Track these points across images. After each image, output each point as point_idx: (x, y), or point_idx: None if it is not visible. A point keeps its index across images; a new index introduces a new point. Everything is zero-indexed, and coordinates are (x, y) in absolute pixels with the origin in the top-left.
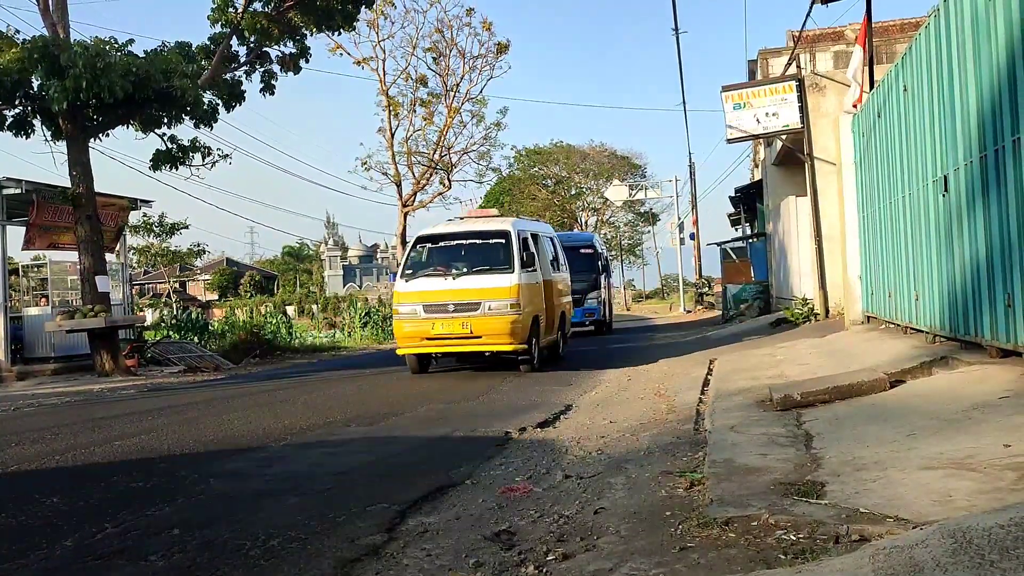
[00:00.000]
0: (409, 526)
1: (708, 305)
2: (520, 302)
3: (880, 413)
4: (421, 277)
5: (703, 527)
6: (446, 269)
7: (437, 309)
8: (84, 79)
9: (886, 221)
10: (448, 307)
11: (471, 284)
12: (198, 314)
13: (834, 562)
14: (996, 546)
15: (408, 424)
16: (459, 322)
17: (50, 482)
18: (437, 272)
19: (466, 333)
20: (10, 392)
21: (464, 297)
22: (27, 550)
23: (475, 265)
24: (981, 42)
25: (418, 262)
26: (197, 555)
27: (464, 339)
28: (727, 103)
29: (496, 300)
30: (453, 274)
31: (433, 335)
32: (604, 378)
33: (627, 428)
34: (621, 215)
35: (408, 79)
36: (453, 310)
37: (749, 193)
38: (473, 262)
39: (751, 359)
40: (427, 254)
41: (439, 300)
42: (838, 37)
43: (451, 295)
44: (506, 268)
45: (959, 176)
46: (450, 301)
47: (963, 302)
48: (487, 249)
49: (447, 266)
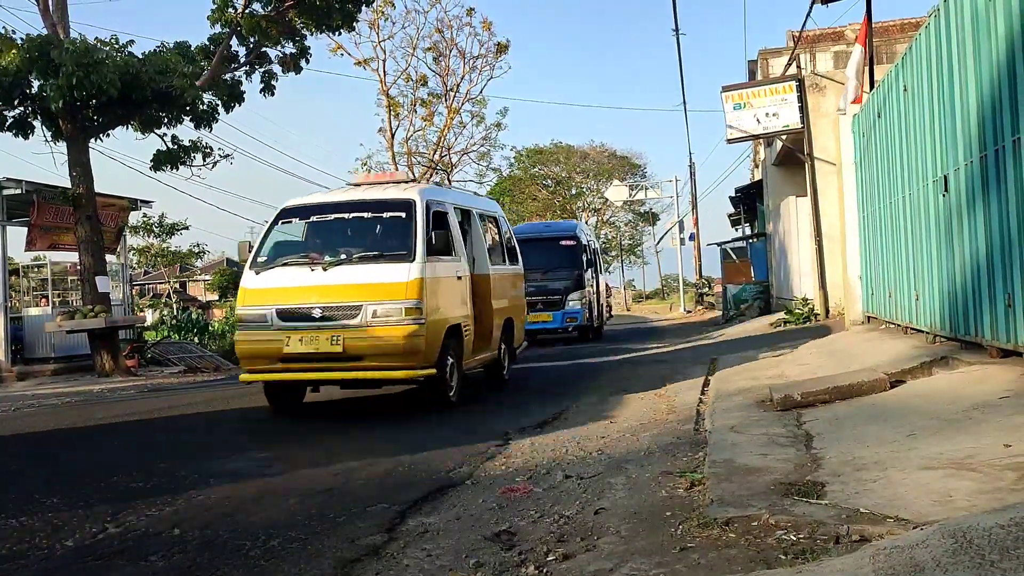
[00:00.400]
0: (409, 526)
1: (708, 305)
2: (423, 305)
3: (880, 413)
4: (278, 267)
5: (703, 527)
6: (317, 256)
7: (296, 316)
8: (76, 76)
9: (886, 221)
10: (313, 312)
11: (349, 278)
12: (198, 314)
13: (834, 562)
14: (996, 546)
15: None
16: (327, 336)
17: (51, 482)
18: (302, 260)
19: (336, 352)
20: (10, 392)
21: (337, 297)
22: (28, 550)
23: (359, 251)
24: (981, 42)
25: (280, 245)
26: (197, 555)
27: (335, 361)
28: (727, 103)
29: (384, 302)
30: (325, 263)
31: (289, 355)
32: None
33: (627, 428)
34: (621, 215)
35: (408, 79)
36: (320, 317)
37: (749, 193)
38: (358, 246)
39: (751, 359)
40: (294, 234)
41: (300, 302)
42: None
43: (319, 294)
44: (403, 255)
45: (959, 176)
46: (316, 303)
47: (963, 302)
48: (380, 228)
49: (320, 252)
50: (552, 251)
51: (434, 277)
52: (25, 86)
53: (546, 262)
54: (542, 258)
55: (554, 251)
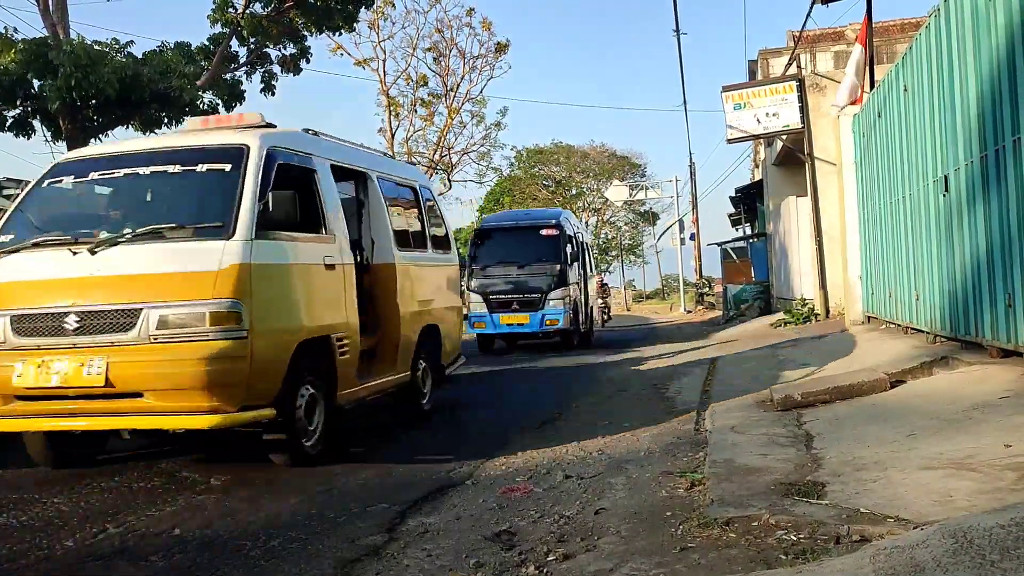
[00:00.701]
0: (409, 526)
1: (709, 305)
2: (245, 308)
3: (880, 413)
4: (25, 251)
5: (704, 527)
6: (87, 234)
7: (39, 327)
8: (74, 77)
9: (886, 221)
10: (64, 321)
11: (125, 266)
12: None
13: (835, 562)
14: (997, 546)
15: None
16: (79, 360)
17: (52, 483)
18: (61, 241)
19: (97, 387)
20: None
21: (103, 295)
22: (28, 550)
23: (153, 224)
24: (981, 41)
25: (39, 219)
26: (197, 555)
27: (96, 400)
28: (727, 103)
29: (177, 303)
30: (94, 243)
31: (29, 391)
32: None
33: (627, 428)
34: (622, 215)
35: (408, 79)
36: (76, 329)
37: (749, 193)
38: (153, 218)
39: (751, 359)
40: (66, 200)
41: (48, 303)
42: (838, 37)
43: (78, 291)
44: (216, 228)
45: (959, 176)
46: (73, 306)
47: (963, 302)
48: (191, 190)
49: (97, 228)
50: (530, 242)
51: (274, 264)
52: (27, 86)
53: (523, 255)
54: (519, 250)
55: (533, 242)
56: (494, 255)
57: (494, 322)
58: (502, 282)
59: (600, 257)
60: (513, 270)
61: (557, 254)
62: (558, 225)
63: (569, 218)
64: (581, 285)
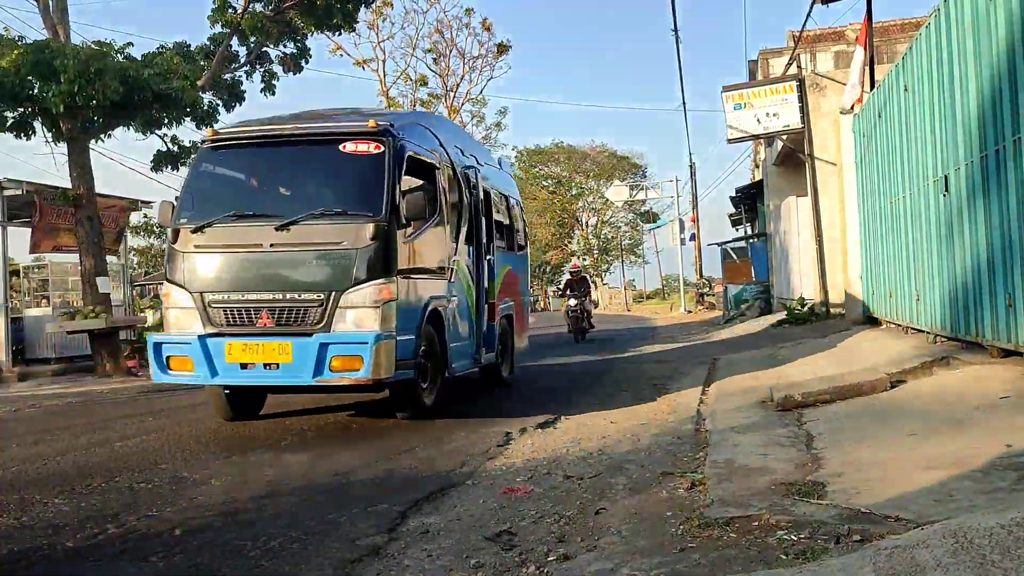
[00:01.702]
0: (410, 526)
1: (709, 305)
2: None
3: (881, 413)
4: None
5: (704, 527)
6: None
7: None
8: (78, 83)
9: (887, 221)
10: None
11: None
12: None
13: (835, 562)
14: (997, 546)
15: None
16: None
17: (52, 483)
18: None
19: None
20: (11, 393)
21: None
22: (29, 551)
23: None
24: (982, 41)
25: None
26: (198, 555)
27: None
28: (727, 103)
29: None
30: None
31: None
32: None
33: (627, 428)
34: (622, 215)
35: (408, 80)
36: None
37: (750, 193)
38: None
39: (752, 359)
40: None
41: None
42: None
43: None
44: None
45: (960, 176)
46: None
47: (964, 302)
48: None
49: None
50: (316, 174)
51: None
52: (28, 87)
53: (292, 203)
54: (283, 197)
55: (320, 174)
56: (227, 202)
57: (214, 361)
58: (237, 271)
59: (600, 257)
60: (265, 240)
61: (375, 201)
62: (383, 137)
63: (433, 127)
64: (470, 277)
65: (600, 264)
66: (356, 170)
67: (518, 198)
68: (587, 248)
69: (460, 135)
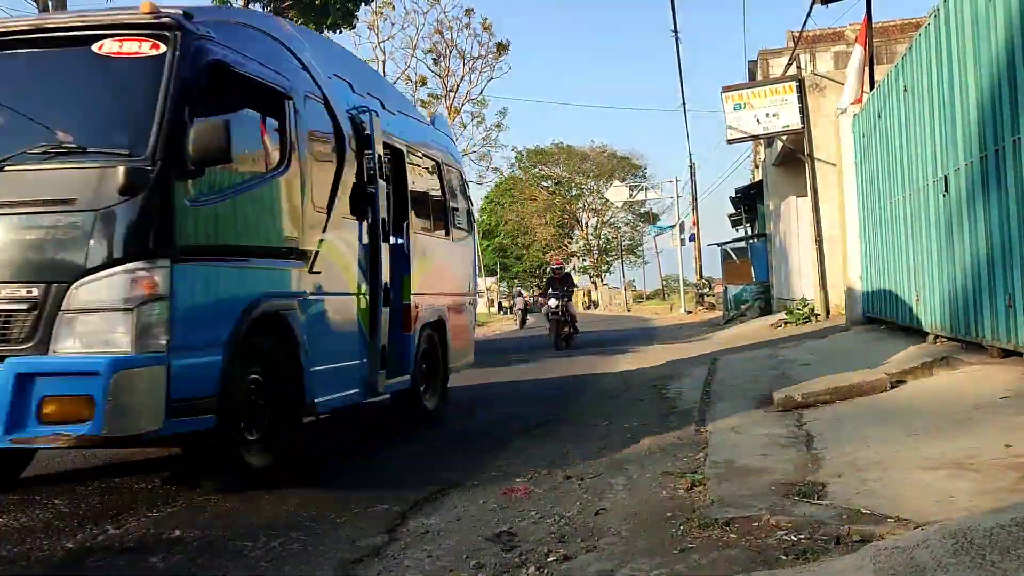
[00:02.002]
0: (410, 527)
1: (709, 306)
2: None
3: (881, 413)
4: None
5: (704, 528)
6: None
7: None
8: None
9: (887, 221)
10: None
11: None
12: None
13: (835, 563)
14: (997, 546)
15: None
16: None
17: (52, 484)
18: None
19: None
20: None
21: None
22: (29, 551)
23: None
24: (981, 42)
25: None
26: (198, 556)
27: None
28: (727, 103)
29: None
30: None
31: None
32: None
33: (627, 428)
34: (622, 216)
35: (408, 80)
36: None
37: (750, 193)
38: None
39: (752, 360)
40: None
41: None
42: (838, 37)
43: None
44: None
45: (959, 176)
46: None
47: (964, 302)
48: None
49: None
50: (49, 93)
51: None
52: None
53: (4, 136)
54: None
55: (55, 92)
56: None
57: None
58: None
59: (600, 258)
60: None
61: (135, 130)
62: (166, 31)
63: (287, 39)
64: (359, 267)
65: (600, 265)
66: (113, 84)
67: (461, 168)
68: (587, 249)
69: (350, 63)
